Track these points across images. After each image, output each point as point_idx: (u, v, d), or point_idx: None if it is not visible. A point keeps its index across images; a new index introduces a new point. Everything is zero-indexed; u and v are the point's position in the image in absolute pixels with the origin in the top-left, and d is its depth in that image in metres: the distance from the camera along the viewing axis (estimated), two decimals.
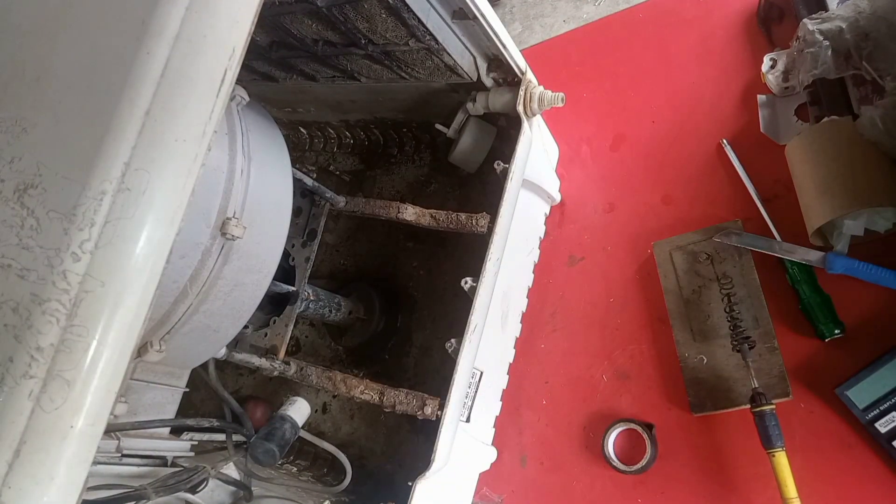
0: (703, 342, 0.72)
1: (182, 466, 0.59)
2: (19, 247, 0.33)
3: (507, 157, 0.68)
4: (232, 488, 0.63)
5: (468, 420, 0.71)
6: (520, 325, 0.84)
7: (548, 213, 0.89)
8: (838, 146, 0.65)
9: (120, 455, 0.57)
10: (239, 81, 0.38)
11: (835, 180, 0.65)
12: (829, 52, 0.67)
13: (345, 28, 0.62)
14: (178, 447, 0.66)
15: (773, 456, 0.62)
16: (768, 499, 0.65)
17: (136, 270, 0.33)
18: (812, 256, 0.67)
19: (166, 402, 0.68)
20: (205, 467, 0.57)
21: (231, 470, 0.63)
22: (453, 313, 0.80)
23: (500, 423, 0.80)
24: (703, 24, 0.88)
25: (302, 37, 0.66)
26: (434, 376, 0.80)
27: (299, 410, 0.72)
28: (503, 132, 0.78)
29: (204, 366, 0.72)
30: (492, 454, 0.79)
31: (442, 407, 0.64)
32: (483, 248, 0.66)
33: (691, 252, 0.76)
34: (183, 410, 0.72)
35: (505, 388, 0.81)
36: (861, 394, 0.63)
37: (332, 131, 0.94)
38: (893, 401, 0.61)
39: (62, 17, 0.38)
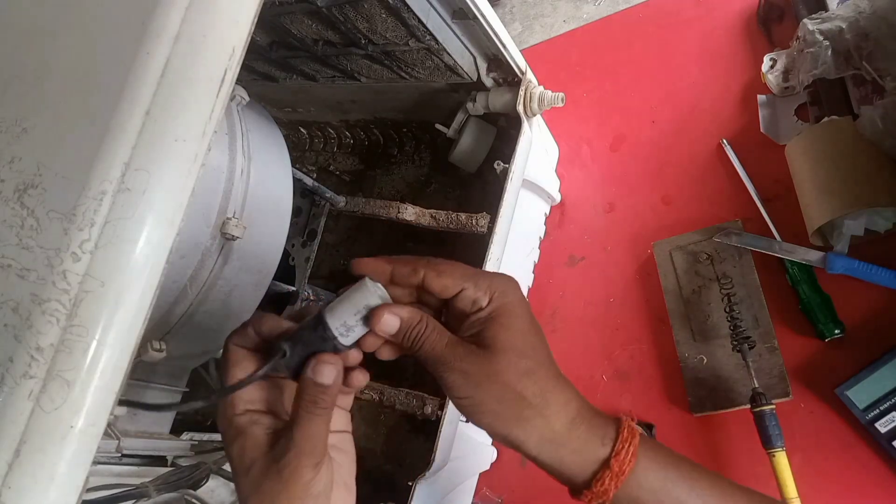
0: (703, 342, 0.72)
1: (182, 465, 0.59)
2: (19, 247, 0.33)
3: (507, 157, 0.68)
4: (233, 486, 0.63)
5: (468, 420, 0.71)
6: None
7: (548, 213, 0.89)
8: (838, 146, 0.65)
9: (120, 455, 0.57)
10: (239, 81, 0.38)
11: (835, 180, 0.65)
12: (829, 52, 0.67)
13: (345, 28, 0.62)
14: (178, 446, 0.66)
15: (773, 456, 0.62)
16: None
17: (136, 270, 0.32)
18: (812, 256, 0.67)
19: (166, 402, 0.68)
20: (205, 464, 0.57)
21: None
22: None
23: None
24: (703, 23, 0.88)
25: (302, 37, 0.67)
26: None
27: None
28: (503, 132, 0.78)
29: (204, 366, 0.72)
30: (492, 454, 0.79)
31: (442, 406, 0.64)
32: (483, 248, 0.66)
33: (691, 252, 0.76)
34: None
35: None
36: (861, 394, 0.63)
37: (332, 131, 0.94)
38: (893, 401, 0.61)
39: (62, 17, 0.38)
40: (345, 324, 0.38)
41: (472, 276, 0.39)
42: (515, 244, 0.78)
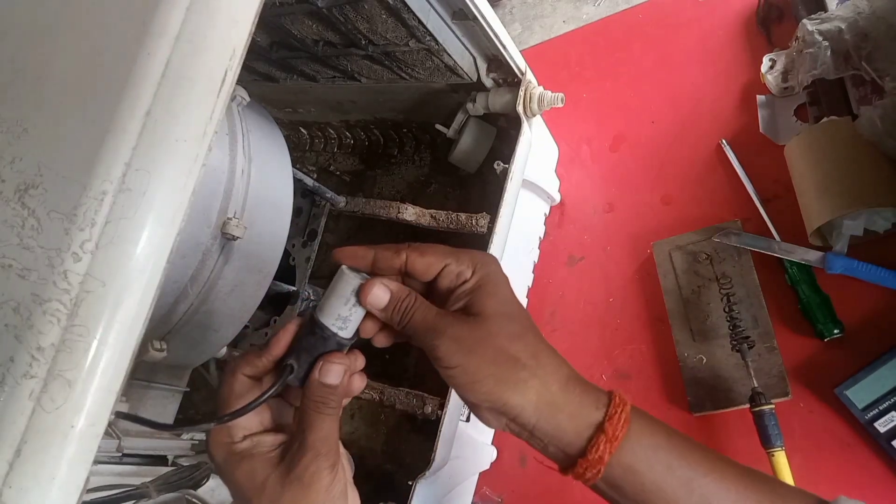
0: (703, 342, 0.73)
1: (182, 465, 0.59)
2: (20, 247, 0.33)
3: (507, 157, 0.68)
4: None
5: (468, 419, 0.71)
6: None
7: (547, 213, 0.89)
8: (837, 146, 0.65)
9: (120, 455, 0.57)
10: (239, 82, 0.38)
11: (834, 180, 0.65)
12: (829, 53, 0.67)
13: (345, 29, 0.62)
14: (179, 446, 0.66)
15: (773, 455, 0.62)
16: None
17: (136, 270, 0.33)
18: (811, 256, 0.67)
19: (167, 402, 0.68)
20: (206, 464, 0.57)
21: None
22: None
23: None
24: (702, 24, 0.88)
25: (302, 37, 0.67)
26: (434, 375, 0.79)
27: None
28: (503, 132, 0.78)
29: (205, 365, 0.72)
30: (492, 454, 0.79)
31: (442, 406, 0.64)
32: (483, 248, 0.66)
33: (691, 252, 0.76)
34: (184, 410, 0.72)
35: None
36: (860, 393, 0.63)
37: (332, 132, 0.94)
38: (892, 400, 0.61)
39: (63, 17, 0.38)
40: (339, 316, 0.38)
41: (454, 253, 0.40)
42: (515, 244, 0.78)
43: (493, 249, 0.66)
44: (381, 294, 0.38)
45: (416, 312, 0.38)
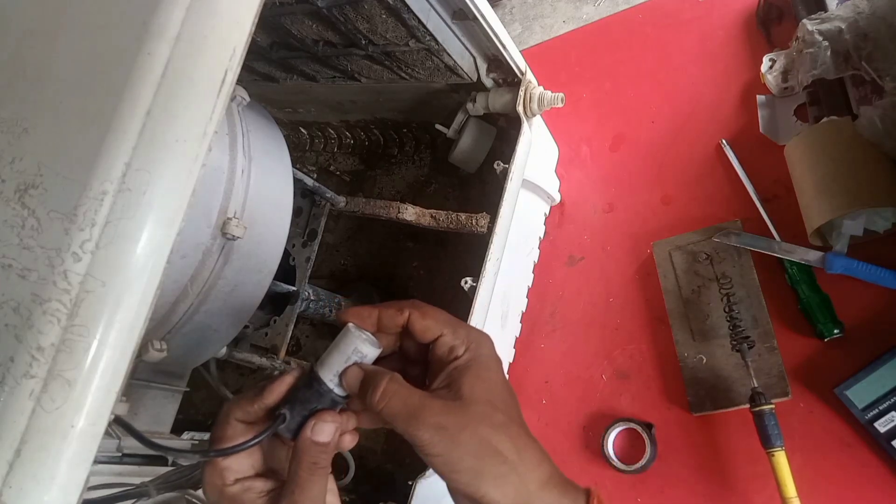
0: (703, 342, 0.73)
1: (182, 465, 0.59)
2: (20, 247, 0.34)
3: (507, 157, 0.69)
4: None
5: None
6: (519, 325, 0.84)
7: (547, 213, 0.90)
8: (837, 146, 0.65)
9: (120, 454, 0.57)
10: (239, 82, 0.39)
11: (834, 180, 0.65)
12: (829, 53, 0.67)
13: (345, 28, 0.62)
14: (179, 446, 0.66)
15: (773, 455, 0.62)
16: (767, 498, 0.66)
17: (136, 270, 0.33)
18: (811, 256, 0.67)
19: (167, 401, 0.68)
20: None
21: None
22: (453, 313, 0.80)
23: None
24: (702, 24, 0.88)
25: (302, 37, 0.67)
26: None
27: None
28: (503, 132, 0.78)
29: (205, 365, 0.73)
30: None
31: None
32: (483, 248, 0.66)
33: (691, 252, 0.76)
34: (184, 410, 0.72)
35: None
36: (860, 393, 0.63)
37: (332, 132, 0.94)
38: (892, 400, 0.61)
39: (63, 17, 0.38)
40: (337, 373, 0.38)
41: (452, 324, 0.40)
42: (515, 244, 0.78)
43: (493, 249, 0.66)
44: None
45: (395, 397, 0.37)
